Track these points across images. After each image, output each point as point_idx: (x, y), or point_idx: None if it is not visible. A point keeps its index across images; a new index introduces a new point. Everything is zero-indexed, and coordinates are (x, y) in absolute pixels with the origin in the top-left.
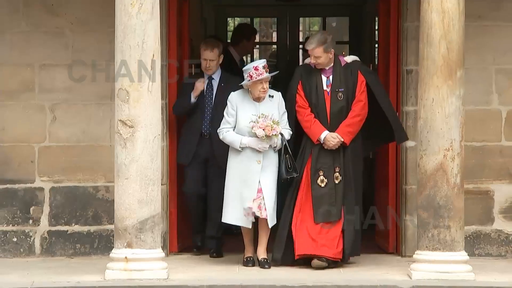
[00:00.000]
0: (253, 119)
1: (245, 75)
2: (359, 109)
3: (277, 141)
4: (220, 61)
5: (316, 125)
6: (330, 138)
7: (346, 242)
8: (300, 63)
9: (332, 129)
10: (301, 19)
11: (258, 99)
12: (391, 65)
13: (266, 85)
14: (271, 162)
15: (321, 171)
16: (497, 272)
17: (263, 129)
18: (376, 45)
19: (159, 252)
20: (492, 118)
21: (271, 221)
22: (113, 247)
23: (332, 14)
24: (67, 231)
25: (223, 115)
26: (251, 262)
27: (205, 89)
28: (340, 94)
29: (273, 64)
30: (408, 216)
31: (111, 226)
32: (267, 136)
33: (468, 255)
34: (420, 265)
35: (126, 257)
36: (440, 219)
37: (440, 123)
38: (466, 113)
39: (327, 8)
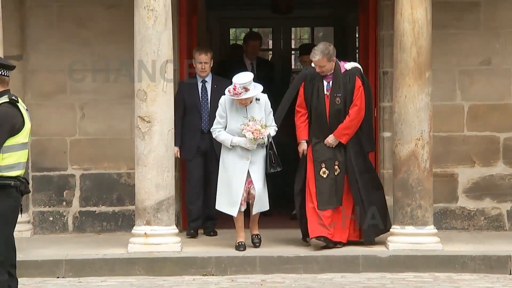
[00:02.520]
0: (244, 121)
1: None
2: (354, 113)
3: (264, 139)
4: (211, 65)
5: (300, 131)
6: (327, 141)
7: (364, 227)
8: (293, 67)
9: (331, 128)
10: (293, 29)
11: (244, 104)
12: (370, 67)
13: (245, 102)
14: (259, 157)
15: (323, 164)
16: (461, 242)
17: (252, 132)
18: (357, 51)
19: (174, 229)
20: (456, 112)
21: (258, 208)
22: (135, 225)
23: (319, 24)
24: (95, 211)
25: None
26: (242, 246)
27: (200, 91)
28: (337, 99)
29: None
30: (385, 196)
31: (133, 207)
32: (255, 139)
33: (436, 228)
34: (396, 238)
35: (145, 233)
36: (412, 198)
37: (412, 116)
38: (434, 107)
39: (315, 20)
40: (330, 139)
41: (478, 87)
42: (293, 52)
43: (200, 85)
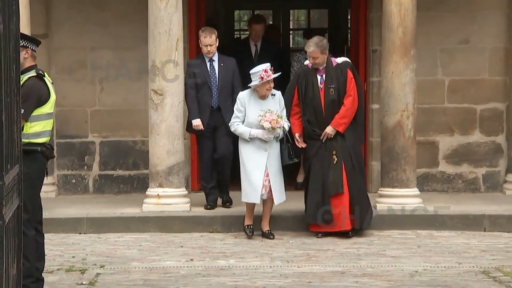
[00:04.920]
0: (260, 114)
1: (255, 77)
2: (349, 103)
3: (280, 132)
4: (217, 44)
5: (295, 127)
6: (326, 132)
7: (359, 215)
8: (291, 45)
9: (327, 118)
10: (291, 11)
11: (263, 97)
12: (360, 46)
13: (272, 84)
14: (275, 150)
15: (322, 152)
16: (441, 203)
17: (270, 122)
18: (349, 31)
19: (183, 191)
20: (437, 86)
21: (278, 199)
22: (148, 187)
23: (315, 7)
24: (113, 174)
25: (233, 110)
26: (250, 229)
27: (208, 70)
28: (331, 90)
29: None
30: (374, 161)
31: (146, 171)
32: (273, 128)
33: (419, 190)
34: (383, 199)
35: (158, 194)
36: (398, 164)
37: (398, 90)
38: (417, 82)
39: (311, 3)
40: (328, 130)
41: (457, 63)
42: (291, 32)
43: (208, 64)
